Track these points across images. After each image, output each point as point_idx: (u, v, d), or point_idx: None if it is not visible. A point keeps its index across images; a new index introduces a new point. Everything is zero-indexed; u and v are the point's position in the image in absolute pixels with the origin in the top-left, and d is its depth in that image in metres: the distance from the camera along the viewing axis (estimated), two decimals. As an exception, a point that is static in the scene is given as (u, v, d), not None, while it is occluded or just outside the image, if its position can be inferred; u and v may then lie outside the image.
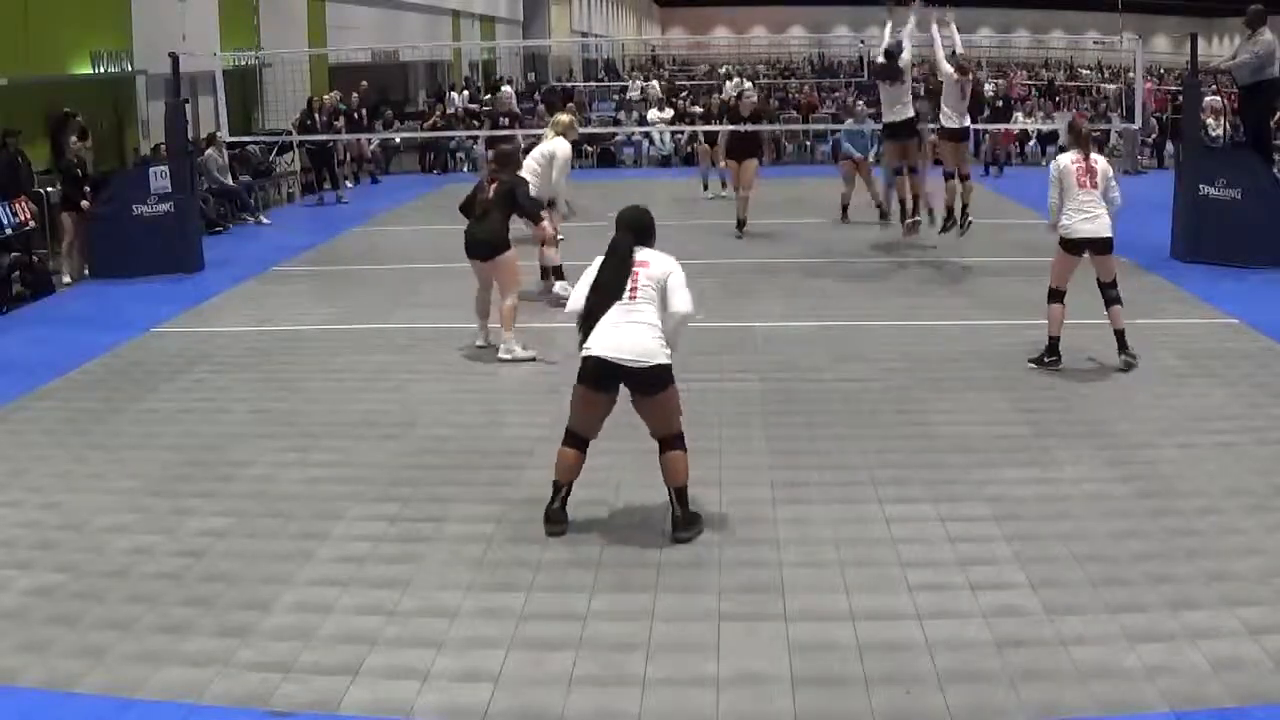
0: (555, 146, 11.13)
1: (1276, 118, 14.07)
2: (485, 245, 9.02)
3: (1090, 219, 8.26)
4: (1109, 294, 8.42)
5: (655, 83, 30.96)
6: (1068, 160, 8.40)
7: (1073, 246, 8.36)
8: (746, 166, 14.41)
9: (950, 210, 12.46)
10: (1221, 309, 10.20)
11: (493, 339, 9.08)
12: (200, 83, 17.52)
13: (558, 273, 10.93)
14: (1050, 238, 8.58)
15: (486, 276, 9.15)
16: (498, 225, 9.05)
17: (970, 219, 12.41)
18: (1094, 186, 8.32)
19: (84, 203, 12.67)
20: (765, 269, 12.33)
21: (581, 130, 15.65)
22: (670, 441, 5.65)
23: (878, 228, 14.33)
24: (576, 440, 5.77)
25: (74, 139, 12.88)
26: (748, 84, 28.12)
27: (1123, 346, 8.39)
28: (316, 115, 18.60)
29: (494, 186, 9.13)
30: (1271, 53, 12.33)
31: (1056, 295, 8.42)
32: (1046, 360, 8.42)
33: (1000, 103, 23.73)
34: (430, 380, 8.48)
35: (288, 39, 21.62)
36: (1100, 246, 8.33)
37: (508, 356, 8.83)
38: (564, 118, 11.94)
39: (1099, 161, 8.49)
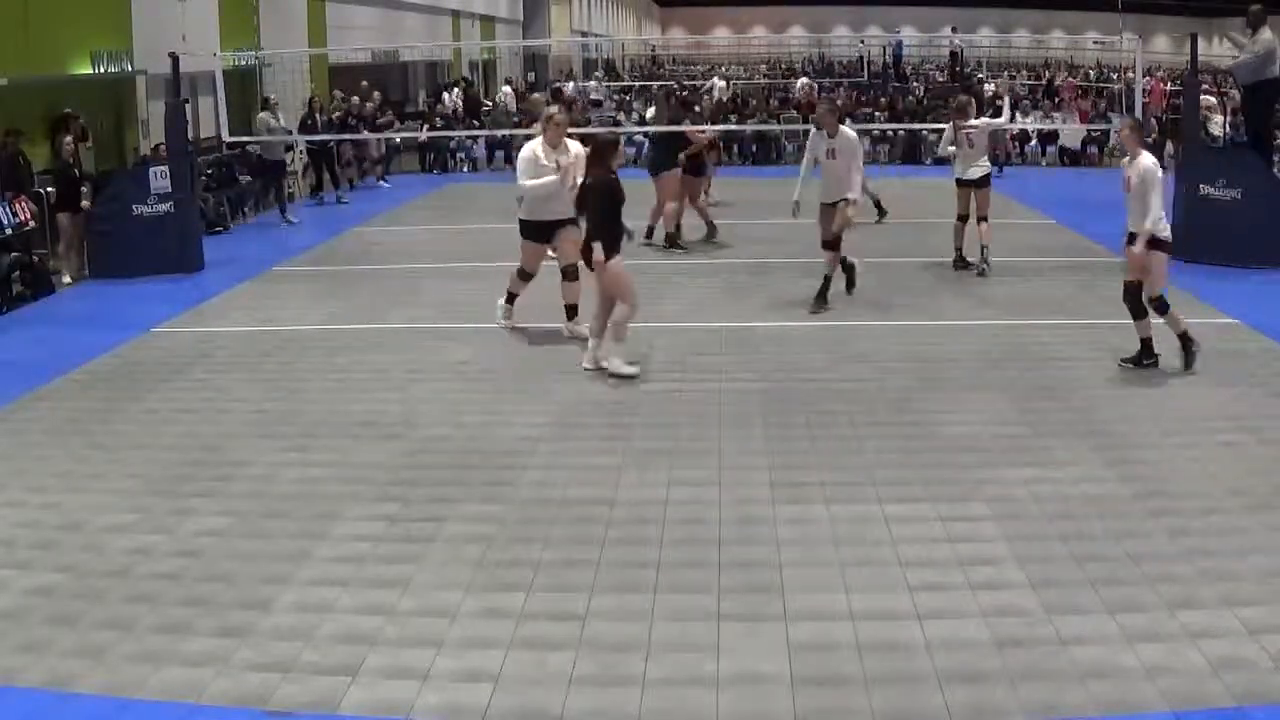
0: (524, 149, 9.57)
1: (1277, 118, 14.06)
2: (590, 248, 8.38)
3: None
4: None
5: (600, 82, 31.11)
6: (1156, 166, 8.21)
7: (1169, 246, 8.31)
8: (661, 183, 13.23)
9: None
10: (1221, 309, 10.20)
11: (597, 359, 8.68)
12: (200, 83, 17.51)
13: (571, 311, 9.48)
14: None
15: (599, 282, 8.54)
16: (590, 225, 8.44)
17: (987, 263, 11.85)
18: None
19: (84, 203, 12.67)
20: (765, 269, 12.33)
21: (581, 130, 15.50)
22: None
23: (880, 229, 14.33)
24: None
25: (68, 139, 12.89)
26: (721, 82, 28.28)
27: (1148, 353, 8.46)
28: (317, 115, 18.60)
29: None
30: (1271, 52, 12.33)
31: (1166, 304, 8.31)
32: (1146, 361, 8.36)
33: (999, 103, 23.71)
34: (430, 380, 8.48)
35: (288, 39, 21.62)
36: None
37: (606, 365, 8.43)
38: (552, 110, 9.90)
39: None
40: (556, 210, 9.18)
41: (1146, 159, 8.19)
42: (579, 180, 8.77)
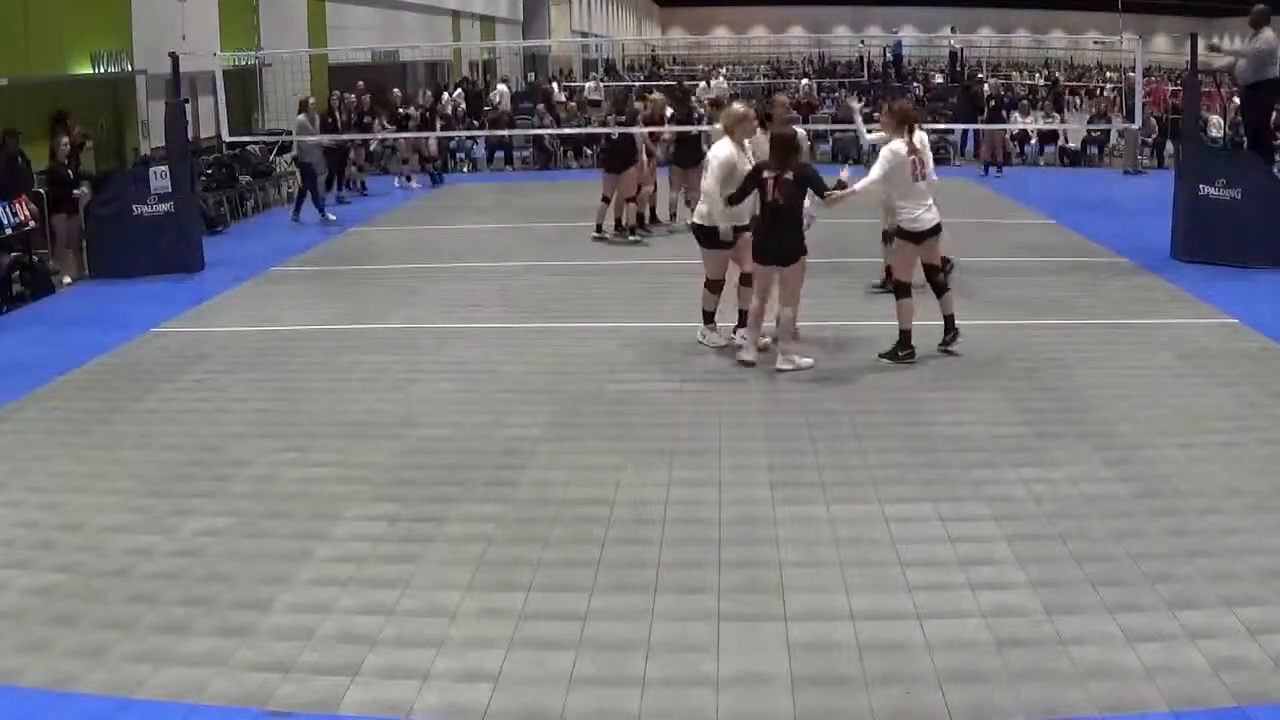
0: (716, 150, 8.94)
1: (1276, 118, 14.08)
2: (788, 248, 8.29)
3: (929, 209, 8.53)
4: (939, 280, 8.76)
5: (599, 83, 31.26)
6: (902, 151, 8.45)
7: (918, 237, 8.57)
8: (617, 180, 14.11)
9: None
10: (1221, 309, 10.20)
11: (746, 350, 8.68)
12: (200, 83, 17.51)
13: (708, 317, 9.18)
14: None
15: (767, 282, 8.50)
16: (798, 226, 8.35)
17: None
18: (924, 178, 8.55)
19: (76, 191, 12.66)
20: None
21: (581, 130, 15.52)
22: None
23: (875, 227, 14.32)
24: None
25: (65, 140, 12.88)
26: (722, 82, 28.50)
27: (950, 330, 8.77)
28: (336, 114, 18.65)
29: (781, 179, 8.21)
30: (1272, 51, 12.33)
31: (908, 289, 8.60)
32: (901, 354, 8.58)
33: (993, 102, 23.78)
34: (430, 380, 8.48)
35: (288, 39, 21.62)
36: (935, 232, 8.63)
37: (789, 366, 8.35)
38: (738, 108, 9.22)
39: (925, 149, 8.68)
40: (743, 215, 8.72)
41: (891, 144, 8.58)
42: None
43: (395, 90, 21.38)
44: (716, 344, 9.07)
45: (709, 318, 9.14)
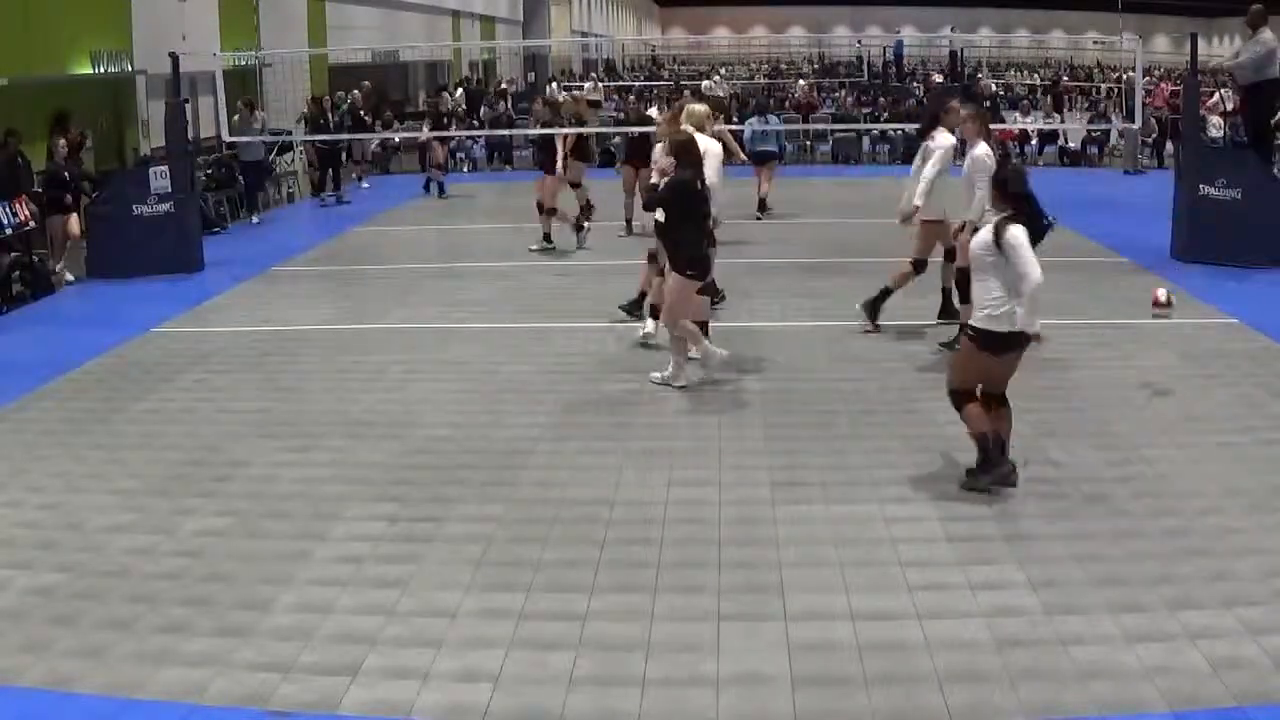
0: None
1: (1277, 118, 14.06)
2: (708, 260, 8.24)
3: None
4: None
5: (598, 83, 31.28)
6: (986, 155, 8.39)
7: None
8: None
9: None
10: (1221, 309, 10.20)
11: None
12: (200, 83, 17.53)
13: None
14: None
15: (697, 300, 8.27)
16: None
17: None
18: None
19: (68, 199, 12.68)
20: (764, 269, 12.32)
21: (585, 130, 15.43)
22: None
23: (875, 228, 14.32)
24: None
25: (61, 142, 12.90)
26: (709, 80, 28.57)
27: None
28: (329, 114, 18.63)
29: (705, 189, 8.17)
30: (1272, 52, 12.33)
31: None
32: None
33: (988, 103, 23.78)
34: (430, 380, 8.48)
35: (288, 39, 21.62)
36: None
37: (657, 377, 8.16)
38: (697, 108, 9.35)
39: None
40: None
41: (980, 149, 8.46)
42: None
43: (355, 92, 21.23)
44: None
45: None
